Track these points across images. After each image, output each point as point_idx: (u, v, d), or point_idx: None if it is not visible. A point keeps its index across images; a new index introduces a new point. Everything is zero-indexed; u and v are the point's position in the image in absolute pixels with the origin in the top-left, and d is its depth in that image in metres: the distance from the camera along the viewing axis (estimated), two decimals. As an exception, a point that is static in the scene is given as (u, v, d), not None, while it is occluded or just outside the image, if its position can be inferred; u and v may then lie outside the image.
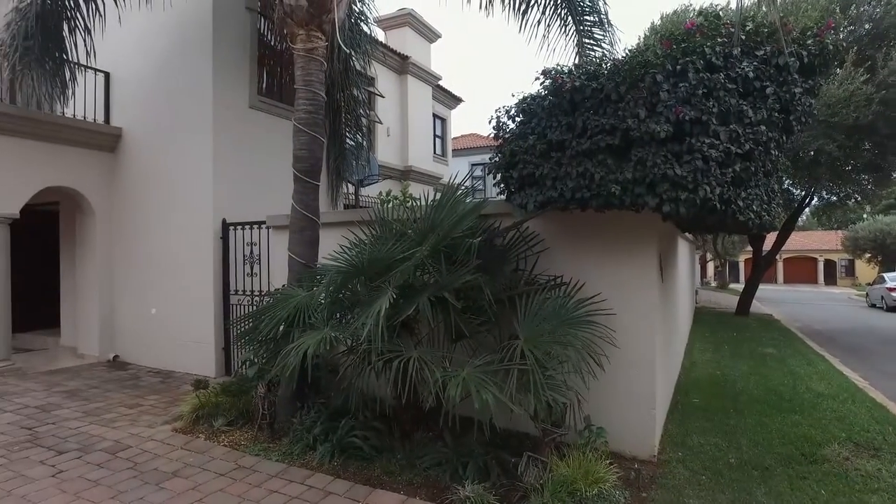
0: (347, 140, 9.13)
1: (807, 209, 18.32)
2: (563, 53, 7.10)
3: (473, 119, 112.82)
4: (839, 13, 12.05)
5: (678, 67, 3.81)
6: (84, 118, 8.17)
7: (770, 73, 3.97)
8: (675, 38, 4.06)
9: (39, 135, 7.63)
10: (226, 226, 7.40)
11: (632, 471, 4.19)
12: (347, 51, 7.60)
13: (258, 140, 8.02)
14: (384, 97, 13.11)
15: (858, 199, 16.45)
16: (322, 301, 4.42)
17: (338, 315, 4.44)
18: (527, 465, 3.85)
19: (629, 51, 4.33)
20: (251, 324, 4.91)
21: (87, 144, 8.21)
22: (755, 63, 3.96)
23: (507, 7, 6.79)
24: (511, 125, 4.48)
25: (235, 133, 7.72)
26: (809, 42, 4.03)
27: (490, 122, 4.59)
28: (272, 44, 8.55)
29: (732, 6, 3.95)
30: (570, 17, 6.95)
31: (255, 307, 6.32)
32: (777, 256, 19.23)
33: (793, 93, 3.97)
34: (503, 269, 4.55)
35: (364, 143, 9.67)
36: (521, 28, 6.93)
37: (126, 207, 8.41)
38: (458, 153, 23.99)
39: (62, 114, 7.86)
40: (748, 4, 10.27)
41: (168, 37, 7.88)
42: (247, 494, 3.86)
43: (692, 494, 3.87)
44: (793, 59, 3.95)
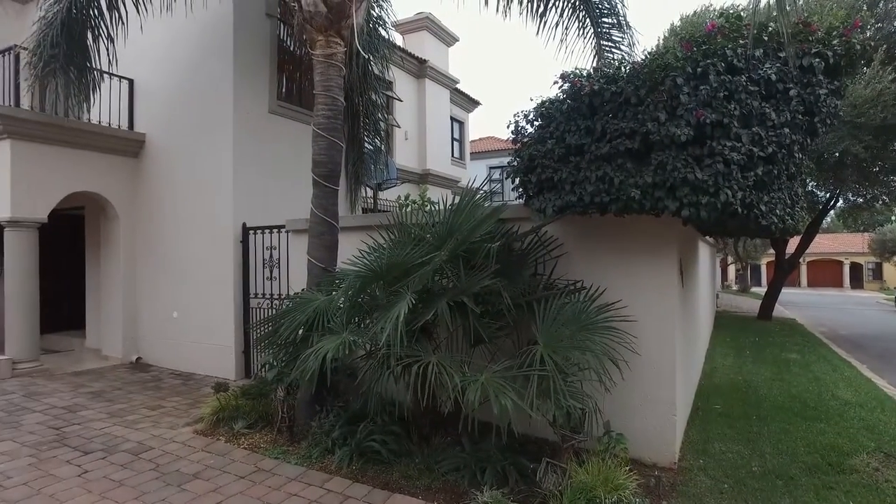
0: (366, 144, 9.19)
1: (832, 211, 17.96)
2: (582, 56, 7.07)
3: (491, 122, 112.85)
4: (866, 11, 11.80)
5: (699, 70, 3.77)
6: (109, 124, 8.33)
7: (793, 75, 3.91)
8: (696, 41, 4.01)
9: (66, 141, 7.80)
10: (246, 230, 7.49)
11: (652, 478, 4.14)
12: (366, 56, 7.65)
13: (278, 145, 8.11)
14: (402, 101, 13.17)
15: (886, 201, 16.06)
16: (341, 305, 4.45)
17: (356, 319, 4.46)
18: (545, 472, 3.82)
19: (649, 53, 4.29)
20: (271, 327, 4.96)
21: (112, 150, 8.38)
22: (778, 64, 3.90)
23: (525, 10, 6.76)
24: (529, 129, 4.47)
25: (255, 138, 7.81)
26: (835, 42, 3.95)
27: (509, 127, 4.59)
28: (291, 49, 8.63)
29: (762, 4, 3.87)
30: (589, 20, 6.90)
31: (275, 311, 6.38)
32: (801, 259, 18.86)
33: (817, 94, 3.89)
34: (522, 274, 4.54)
35: (382, 147, 9.71)
36: (539, 31, 6.90)
37: (148, 212, 8.56)
38: (476, 156, 23.99)
39: (88, 120, 8.03)
40: (770, 4, 10.10)
41: (190, 44, 8.01)
42: (266, 497, 3.89)
43: (714, 503, 3.81)
44: (817, 60, 3.88)
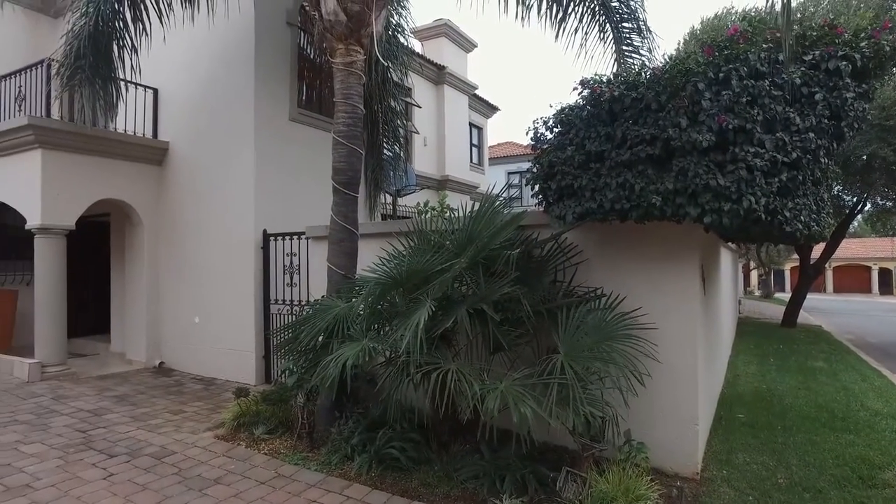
0: (385, 150, 9.25)
1: (859, 215, 17.57)
2: (602, 61, 7.00)
3: (510, 127, 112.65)
4: (896, 11, 11.56)
5: (721, 75, 3.73)
6: (134, 133, 8.51)
7: (819, 79, 3.85)
8: (718, 45, 3.97)
9: (93, 150, 7.98)
10: (266, 236, 7.57)
11: (674, 488, 4.07)
12: (385, 63, 7.71)
13: (298, 152, 8.20)
14: (421, 107, 13.24)
15: (916, 205, 15.68)
16: (361, 312, 4.47)
17: (376, 326, 4.48)
18: (565, 480, 3.80)
19: (669, 57, 4.25)
20: (291, 333, 5.00)
21: (137, 158, 8.55)
22: (803, 68, 3.85)
23: (544, 16, 6.75)
24: (549, 136, 4.46)
25: (276, 145, 7.91)
26: (863, 44, 3.87)
27: (528, 134, 4.58)
28: (311, 57, 8.73)
29: (777, 8, 3.79)
30: (608, 24, 6.86)
31: (295, 317, 6.44)
32: (826, 265, 18.45)
33: (844, 98, 3.82)
34: (541, 281, 4.51)
35: (401, 154, 9.77)
36: (558, 36, 6.87)
37: (172, 218, 8.70)
38: (495, 161, 24.01)
39: (114, 129, 8.21)
40: (795, 5, 9.94)
41: (212, 53, 8.15)
42: None
43: (739, 515, 3.74)
44: (844, 63, 3.81)
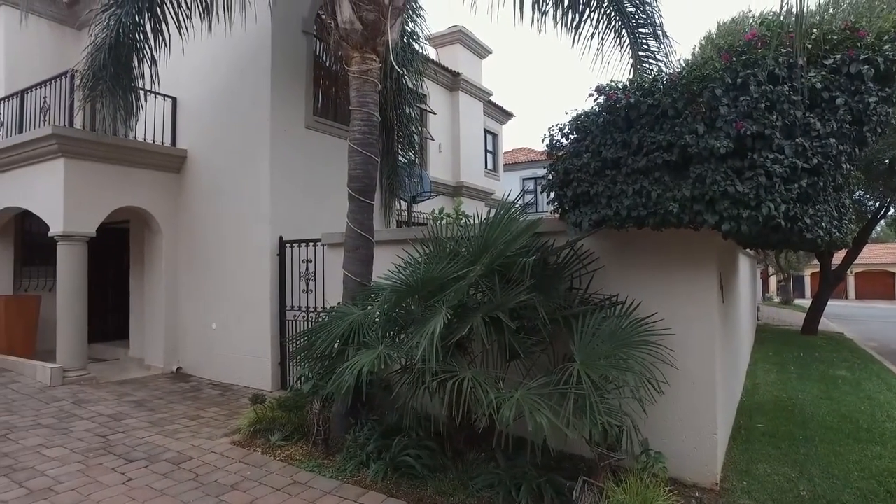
0: (400, 157, 9.29)
1: (882, 221, 17.22)
2: (618, 66, 6.97)
3: (525, 133, 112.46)
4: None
5: (738, 80, 3.69)
6: (153, 141, 8.65)
7: (840, 83, 3.78)
8: (735, 51, 3.93)
9: (113, 158, 8.13)
10: (282, 243, 7.63)
11: (692, 499, 4.02)
12: (400, 70, 7.75)
13: (313, 159, 8.26)
14: (436, 114, 13.29)
15: (940, 210, 15.34)
16: (377, 319, 4.49)
17: (391, 333, 4.49)
18: (582, 490, 3.76)
19: (685, 62, 4.22)
20: (307, 340, 5.03)
21: (156, 166, 8.68)
22: (823, 73, 3.79)
23: (560, 22, 6.74)
24: (565, 143, 4.45)
25: (292, 153, 7.98)
26: (886, 47, 3.81)
27: (543, 140, 4.58)
28: (327, 65, 8.81)
29: (795, 10, 3.74)
30: (625, 30, 6.83)
31: (311, 323, 6.47)
32: (848, 271, 18.09)
33: (866, 102, 3.75)
34: (557, 288, 4.49)
35: (416, 160, 9.81)
36: (574, 42, 6.85)
37: (189, 225, 8.81)
38: (510, 167, 23.98)
39: (134, 138, 8.35)
40: (813, 8, 9.82)
41: (229, 62, 8.26)
42: (302, 510, 3.93)
43: (760, 528, 3.68)
44: (866, 67, 3.74)
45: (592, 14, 6.80)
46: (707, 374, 4.36)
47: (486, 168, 16.67)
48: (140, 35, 6.95)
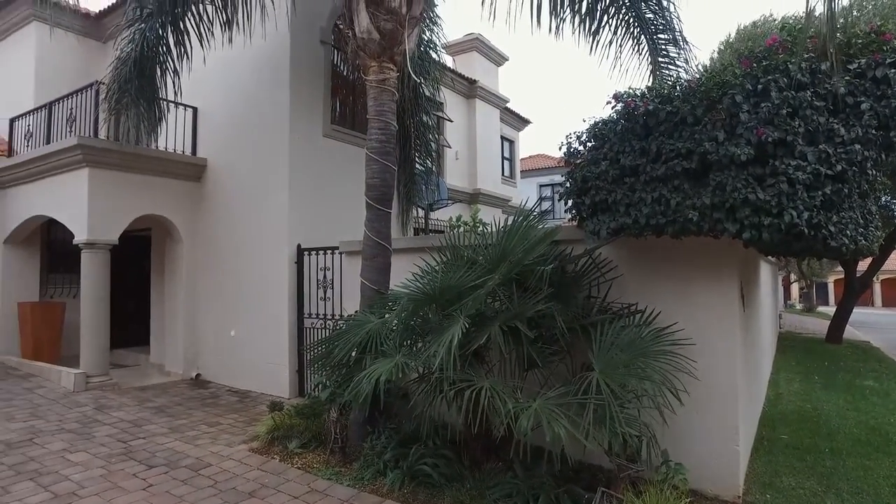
0: (417, 165, 9.30)
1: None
2: (637, 73, 6.92)
3: (542, 139, 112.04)
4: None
5: (759, 87, 3.64)
6: (174, 150, 8.80)
7: (866, 88, 3.71)
8: (755, 56, 3.88)
9: (136, 167, 8.29)
10: (300, 251, 7.69)
11: (715, 512, 3.95)
12: (417, 79, 7.78)
13: (331, 167, 8.33)
14: (453, 121, 13.31)
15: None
16: (394, 328, 4.49)
17: (409, 342, 4.49)
18: (601, 501, 3.71)
19: (704, 67, 4.18)
20: (325, 348, 5.05)
21: (177, 175, 8.83)
22: (847, 77, 3.72)
23: (578, 29, 6.71)
24: (582, 151, 4.43)
25: (310, 161, 8.06)
26: (915, 49, 3.73)
27: (561, 148, 4.56)
28: (344, 74, 8.89)
29: (818, 13, 3.67)
30: (643, 36, 6.79)
31: (328, 331, 6.50)
32: (874, 278, 17.67)
33: (893, 107, 3.67)
34: (575, 297, 4.46)
35: (433, 168, 9.83)
36: (592, 49, 6.80)
37: (209, 233, 8.93)
38: (527, 174, 23.95)
39: (156, 147, 8.50)
40: (836, 10, 9.66)
41: (248, 72, 8.38)
42: (320, 518, 3.94)
43: (785, 543, 3.59)
44: (893, 71, 3.67)
45: (611, 21, 6.77)
46: (728, 384, 4.28)
47: (503, 175, 16.66)
48: (163, 48, 7.09)
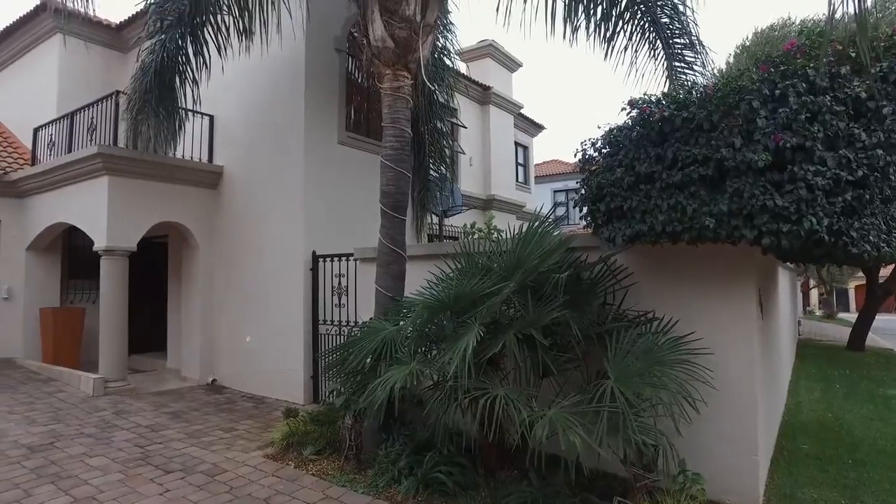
0: (431, 172, 9.33)
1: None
2: (652, 78, 6.85)
3: (556, 144, 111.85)
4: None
5: (777, 92, 3.60)
6: (191, 158, 8.91)
7: (888, 91, 3.66)
8: (773, 61, 3.85)
9: (154, 175, 8.41)
10: (315, 258, 7.73)
11: (735, 524, 3.88)
12: (431, 86, 7.81)
13: (346, 174, 8.38)
14: (466, 128, 13.33)
15: None
16: (409, 335, 4.49)
17: (423, 349, 4.49)
18: (617, 512, 3.67)
19: (720, 71, 4.14)
20: (339, 354, 5.07)
21: (194, 182, 8.94)
22: (868, 81, 3.67)
23: (592, 35, 6.67)
24: (597, 157, 4.41)
25: (325, 168, 8.12)
26: (941, 51, 3.68)
27: (575, 156, 4.55)
28: (359, 81, 8.94)
29: (838, 15, 3.62)
30: (659, 41, 6.73)
31: (343, 337, 6.52)
32: (897, 284, 17.28)
33: (916, 111, 3.62)
34: (591, 304, 4.43)
35: (447, 174, 9.82)
36: (607, 55, 6.74)
37: (225, 240, 9.02)
38: (541, 180, 23.88)
39: (173, 155, 8.62)
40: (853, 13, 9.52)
41: (264, 80, 8.46)
42: (335, 525, 3.94)
43: (807, 556, 3.52)
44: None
45: (626, 26, 6.71)
46: (747, 392, 4.23)
47: (517, 181, 16.62)
48: (182, 58, 7.19)
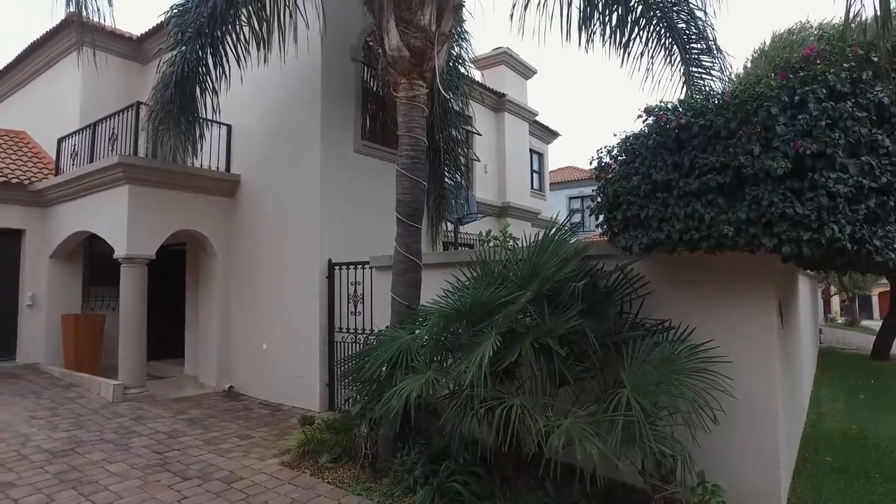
0: (446, 179, 9.35)
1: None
2: (669, 84, 6.81)
3: (571, 151, 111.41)
4: None
5: (796, 98, 3.56)
6: (209, 167, 9.03)
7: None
8: (792, 67, 3.81)
9: (173, 184, 8.55)
10: (331, 266, 7.78)
11: (756, 537, 3.81)
12: (447, 95, 7.84)
13: (362, 182, 8.43)
14: (481, 135, 13.36)
15: None
16: (424, 343, 4.50)
17: (439, 358, 4.49)
18: (635, 523, 3.63)
19: (737, 75, 4.11)
20: (355, 363, 5.08)
21: (212, 191, 9.07)
22: (892, 86, 3.61)
23: (608, 42, 6.66)
24: (613, 165, 4.40)
25: (341, 176, 8.17)
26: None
27: (591, 163, 4.54)
28: (374, 90, 9.01)
29: (866, 14, 3.56)
30: (676, 47, 6.70)
31: (359, 345, 6.54)
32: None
33: (941, 117, 3.56)
34: (607, 313, 4.40)
35: (462, 182, 9.84)
36: (623, 61, 6.74)
37: (242, 248, 9.11)
38: (556, 186, 23.81)
39: (192, 164, 8.75)
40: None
41: (280, 89, 8.55)
42: (351, 534, 3.94)
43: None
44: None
45: (641, 32, 6.70)
46: (767, 403, 4.16)
47: (532, 188, 16.59)
48: (203, 69, 7.31)
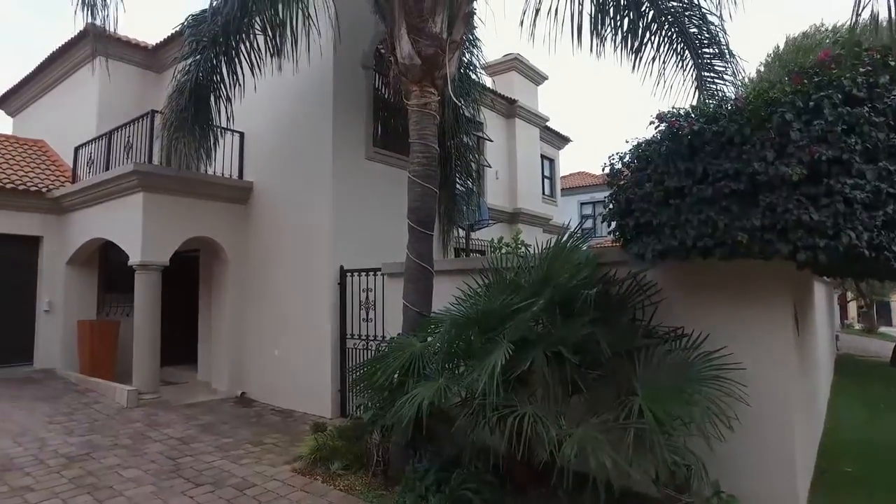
0: (458, 186, 9.36)
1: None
2: (682, 89, 6.77)
3: (583, 156, 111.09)
4: None
5: (811, 104, 3.53)
6: (222, 174, 9.12)
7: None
8: (807, 72, 3.77)
9: (187, 191, 8.64)
10: (343, 272, 7.80)
11: (773, 549, 3.75)
12: (458, 102, 7.86)
13: (373, 189, 8.46)
14: (492, 141, 13.37)
15: None
16: (436, 351, 4.49)
17: (451, 365, 4.48)
18: (650, 534, 3.58)
19: (751, 80, 4.08)
20: (367, 370, 5.09)
21: (225, 198, 9.14)
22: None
23: (619, 47, 6.65)
24: (626, 172, 4.38)
25: (352, 183, 8.21)
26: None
27: (603, 170, 4.52)
28: (386, 97, 9.04)
29: (884, 15, 3.49)
30: (688, 52, 6.67)
31: (370, 352, 6.54)
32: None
33: (961, 121, 3.50)
34: (619, 320, 4.37)
35: (474, 188, 9.84)
36: (635, 67, 6.72)
37: (254, 254, 9.17)
38: (567, 192, 23.75)
39: (205, 172, 8.83)
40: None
41: (292, 96, 8.62)
42: (362, 542, 3.93)
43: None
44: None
45: (653, 37, 6.68)
46: (783, 412, 4.11)
47: (544, 194, 16.58)
48: (217, 77, 7.39)
